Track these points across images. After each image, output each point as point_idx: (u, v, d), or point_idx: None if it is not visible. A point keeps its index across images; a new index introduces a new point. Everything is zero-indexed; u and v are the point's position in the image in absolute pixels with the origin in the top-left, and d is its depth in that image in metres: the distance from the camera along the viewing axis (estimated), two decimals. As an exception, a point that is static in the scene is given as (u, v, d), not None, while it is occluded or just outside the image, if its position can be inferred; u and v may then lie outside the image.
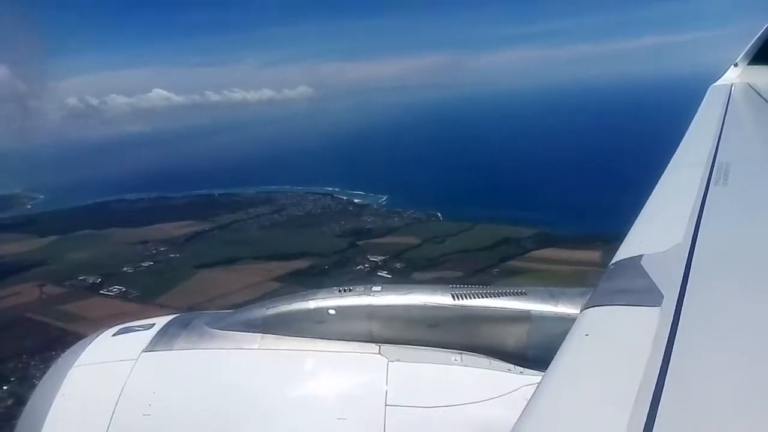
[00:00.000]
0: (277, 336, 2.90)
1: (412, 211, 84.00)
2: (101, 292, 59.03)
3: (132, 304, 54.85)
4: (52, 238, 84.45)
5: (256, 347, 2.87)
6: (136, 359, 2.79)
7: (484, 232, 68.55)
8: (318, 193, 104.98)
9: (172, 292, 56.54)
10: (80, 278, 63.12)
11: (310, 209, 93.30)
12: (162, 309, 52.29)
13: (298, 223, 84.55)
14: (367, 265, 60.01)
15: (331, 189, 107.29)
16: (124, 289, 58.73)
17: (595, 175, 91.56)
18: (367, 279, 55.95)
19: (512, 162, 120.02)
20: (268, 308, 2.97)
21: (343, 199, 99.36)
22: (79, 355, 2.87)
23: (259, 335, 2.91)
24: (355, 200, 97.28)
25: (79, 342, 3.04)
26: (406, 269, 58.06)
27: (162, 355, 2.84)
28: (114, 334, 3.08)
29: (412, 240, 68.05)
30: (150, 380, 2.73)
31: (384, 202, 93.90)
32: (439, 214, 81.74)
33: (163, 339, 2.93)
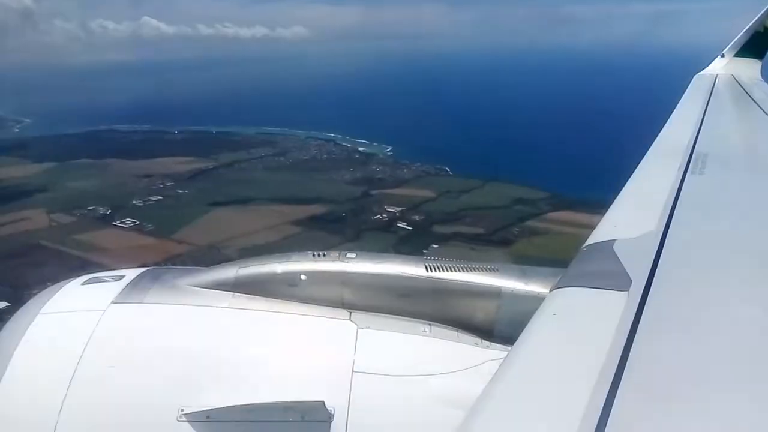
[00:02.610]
0: (249, 296, 2.87)
1: (419, 164, 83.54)
2: (114, 223, 57.98)
3: (148, 237, 54.22)
4: (49, 164, 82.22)
5: (226, 306, 2.83)
6: (105, 310, 2.73)
7: (497, 191, 68.85)
8: (320, 139, 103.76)
9: (187, 229, 55.85)
10: (89, 208, 61.81)
11: (315, 154, 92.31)
12: (181, 245, 51.97)
13: (305, 167, 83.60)
14: (385, 216, 59.92)
15: (333, 135, 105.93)
16: (138, 222, 57.73)
17: (595, 139, 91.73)
18: (387, 230, 56.31)
19: (512, 120, 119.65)
20: (240, 267, 2.95)
21: (347, 146, 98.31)
22: (46, 302, 2.79)
23: (230, 294, 2.88)
24: (360, 148, 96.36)
25: (45, 289, 2.94)
26: (425, 222, 58.19)
27: (131, 308, 2.78)
28: (83, 284, 2.98)
29: (427, 193, 68.00)
30: (117, 332, 2.67)
31: (390, 153, 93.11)
32: (448, 169, 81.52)
33: (133, 291, 2.86)
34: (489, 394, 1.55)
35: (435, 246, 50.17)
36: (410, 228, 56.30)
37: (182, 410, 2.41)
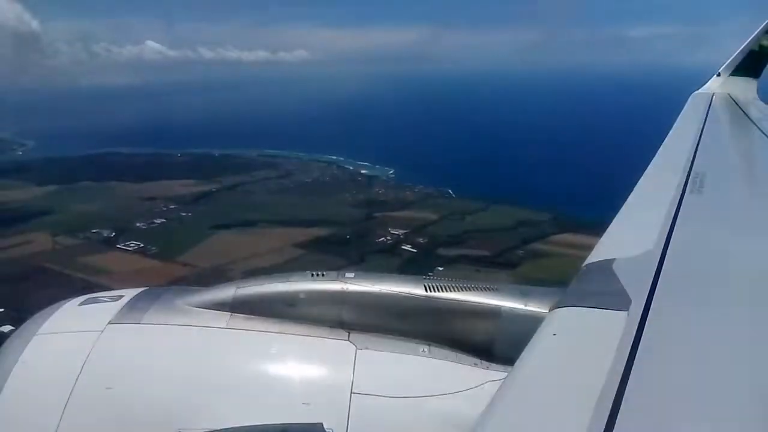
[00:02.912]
0: (247, 316, 2.86)
1: (422, 186, 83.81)
2: (118, 246, 57.83)
3: (153, 260, 53.98)
4: (52, 187, 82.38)
5: (224, 326, 2.82)
6: (102, 330, 2.71)
7: (500, 213, 68.86)
8: (322, 161, 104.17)
9: (191, 251, 55.74)
10: (93, 231, 61.69)
11: (317, 176, 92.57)
12: (185, 267, 51.79)
13: (308, 190, 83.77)
14: (389, 238, 59.87)
15: (335, 157, 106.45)
16: (142, 245, 57.57)
17: (593, 163, 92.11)
18: (392, 252, 56.20)
19: (514, 143, 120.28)
20: (238, 287, 2.94)
21: (349, 168, 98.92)
22: (43, 323, 2.78)
23: (228, 314, 2.87)
24: (362, 171, 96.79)
25: (43, 310, 2.94)
26: (430, 245, 58.13)
27: (128, 328, 2.77)
28: (80, 304, 2.98)
29: (430, 215, 68.04)
30: (115, 352, 2.66)
31: (392, 175, 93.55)
32: (451, 191, 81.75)
33: (130, 311, 2.85)
34: (489, 416, 1.53)
35: (440, 269, 49.97)
36: (415, 251, 56.20)
37: (180, 431, 2.41)
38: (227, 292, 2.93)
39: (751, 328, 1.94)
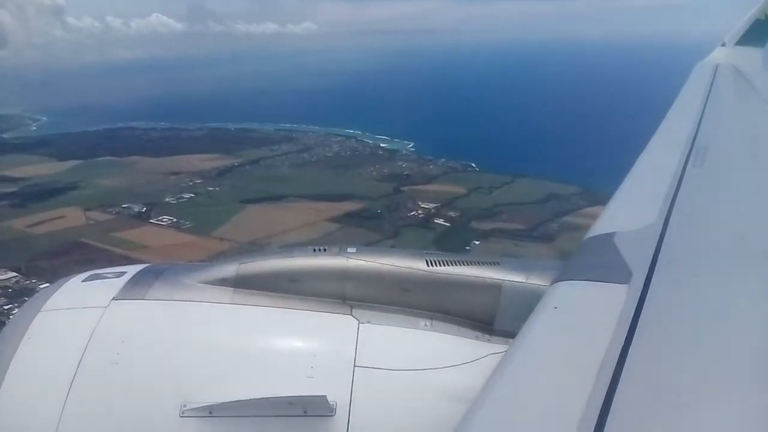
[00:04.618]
0: (250, 291, 2.88)
1: (444, 160, 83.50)
2: (151, 221, 57.97)
3: (189, 235, 54.21)
4: (73, 162, 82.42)
5: (227, 301, 2.84)
6: (106, 306, 2.72)
7: (528, 187, 68.81)
8: (341, 135, 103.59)
9: (226, 226, 55.90)
10: (124, 206, 61.83)
11: (338, 151, 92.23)
12: (222, 242, 51.94)
13: (330, 163, 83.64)
14: (420, 212, 59.89)
15: (352, 131, 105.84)
16: (175, 220, 57.73)
17: (601, 132, 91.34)
18: (425, 226, 56.23)
19: (529, 115, 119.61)
20: (241, 263, 2.95)
21: (369, 142, 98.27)
22: (47, 300, 2.79)
23: (231, 289, 2.88)
24: (382, 144, 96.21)
25: (47, 286, 2.95)
26: (462, 218, 58.11)
27: (132, 304, 2.78)
28: (84, 280, 2.98)
29: (457, 189, 67.85)
30: (119, 328, 2.66)
31: (412, 148, 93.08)
32: (474, 165, 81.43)
33: (134, 288, 2.86)
34: (491, 388, 1.54)
35: (476, 242, 50.17)
36: (448, 224, 56.26)
37: (185, 405, 2.42)
38: (230, 267, 2.94)
39: (752, 301, 1.93)
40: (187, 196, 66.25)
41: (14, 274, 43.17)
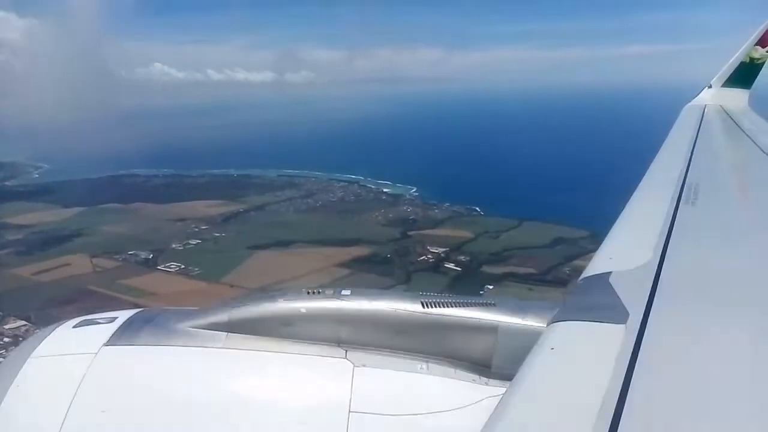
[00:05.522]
0: (243, 336, 2.85)
1: (448, 204, 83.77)
2: (159, 267, 57.42)
3: (197, 281, 53.59)
4: (77, 209, 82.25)
5: (220, 346, 2.81)
6: (96, 353, 2.69)
7: (535, 231, 68.74)
8: (343, 181, 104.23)
9: (235, 272, 55.34)
10: (130, 252, 61.36)
11: (342, 196, 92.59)
12: (233, 288, 51.31)
13: (335, 209, 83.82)
14: (430, 257, 59.61)
15: (355, 177, 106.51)
16: (183, 266, 57.22)
17: (600, 175, 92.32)
18: (436, 270, 55.85)
19: (530, 160, 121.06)
20: (234, 307, 2.92)
21: (371, 188, 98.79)
22: (37, 346, 2.76)
23: (224, 334, 2.85)
24: (385, 189, 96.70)
25: (36, 332, 2.91)
26: (473, 263, 57.87)
27: (123, 350, 2.76)
28: (75, 326, 2.96)
29: (465, 233, 67.83)
30: (110, 375, 2.64)
31: (415, 194, 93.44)
32: (478, 209, 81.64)
33: (125, 333, 2.84)
34: None
35: (490, 287, 49.66)
36: (459, 269, 55.94)
37: None
38: (223, 311, 2.91)
39: (750, 338, 1.92)
40: (193, 242, 65.87)
41: (23, 322, 42.37)
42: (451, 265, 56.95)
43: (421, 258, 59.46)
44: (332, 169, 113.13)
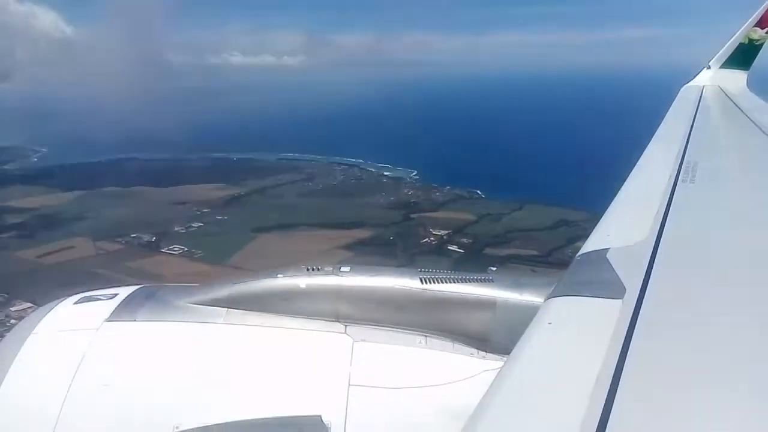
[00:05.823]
0: (243, 312, 2.87)
1: (449, 187, 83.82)
2: (162, 250, 57.48)
3: (201, 264, 53.69)
4: (78, 192, 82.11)
5: (220, 321, 2.84)
6: (98, 328, 2.73)
7: (538, 213, 68.88)
8: (344, 164, 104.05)
9: (239, 255, 55.48)
10: (133, 235, 61.30)
11: (342, 179, 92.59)
12: (237, 271, 51.33)
13: (336, 192, 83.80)
14: (432, 239, 59.82)
15: (354, 160, 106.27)
16: (186, 249, 57.31)
17: (599, 157, 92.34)
18: (439, 253, 56.08)
19: (531, 143, 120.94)
20: (234, 283, 2.96)
21: (372, 171, 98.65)
22: (39, 322, 2.79)
23: (224, 310, 2.88)
24: (385, 173, 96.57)
25: (38, 308, 2.96)
26: (476, 245, 58.09)
27: (124, 326, 2.79)
28: (76, 302, 2.99)
29: (467, 216, 67.99)
30: (110, 350, 2.67)
31: (416, 176, 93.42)
32: (479, 192, 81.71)
33: (126, 309, 2.87)
34: (486, 405, 1.54)
35: (493, 268, 49.87)
36: (462, 251, 56.17)
37: (177, 428, 2.41)
38: (223, 288, 2.94)
39: (745, 315, 1.95)
40: (195, 225, 65.89)
41: (29, 304, 42.40)
42: (454, 248, 57.22)
43: (424, 240, 59.70)
44: (332, 152, 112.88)
